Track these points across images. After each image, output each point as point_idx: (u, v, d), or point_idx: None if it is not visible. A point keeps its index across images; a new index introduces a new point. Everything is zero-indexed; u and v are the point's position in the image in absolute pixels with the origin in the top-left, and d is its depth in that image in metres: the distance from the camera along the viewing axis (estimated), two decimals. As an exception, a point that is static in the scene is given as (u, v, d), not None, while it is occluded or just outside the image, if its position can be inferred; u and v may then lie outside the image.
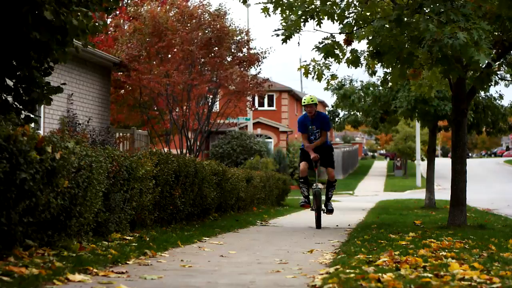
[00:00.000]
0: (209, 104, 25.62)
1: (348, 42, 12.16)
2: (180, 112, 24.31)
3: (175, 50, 23.39)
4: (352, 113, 25.00)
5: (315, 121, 13.04)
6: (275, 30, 11.67)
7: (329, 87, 22.70)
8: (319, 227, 12.62)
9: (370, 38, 11.50)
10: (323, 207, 13.01)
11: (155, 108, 25.62)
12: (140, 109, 25.61)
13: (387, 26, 10.92)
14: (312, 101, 12.86)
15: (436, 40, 9.87)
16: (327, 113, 26.50)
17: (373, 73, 13.80)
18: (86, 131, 19.21)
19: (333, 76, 13.07)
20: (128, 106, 25.98)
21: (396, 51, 11.44)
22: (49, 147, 6.11)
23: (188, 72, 23.37)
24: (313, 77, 12.80)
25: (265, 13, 11.90)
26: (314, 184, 12.87)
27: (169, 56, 24.02)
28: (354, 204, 26.38)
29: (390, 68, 12.74)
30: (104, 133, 20.43)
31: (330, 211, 13.14)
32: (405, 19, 10.80)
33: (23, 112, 8.50)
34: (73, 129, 18.58)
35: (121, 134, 22.96)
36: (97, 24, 8.45)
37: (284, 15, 11.75)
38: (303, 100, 12.97)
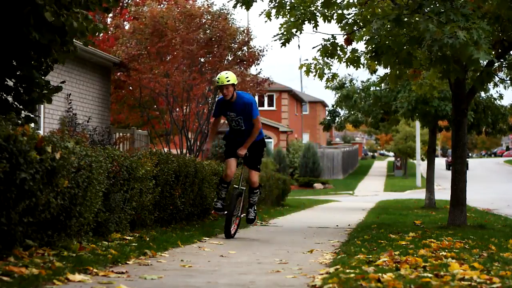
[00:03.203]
0: (209, 104, 25.60)
1: (349, 41, 12.19)
2: (180, 112, 24.31)
3: (176, 50, 23.38)
4: (353, 113, 24.98)
5: (235, 106, 10.15)
6: (275, 35, 11.73)
7: (329, 85, 22.69)
8: (228, 235, 9.94)
9: (368, 38, 11.52)
10: (238, 213, 10.50)
11: (155, 107, 25.61)
12: (140, 109, 25.61)
13: (388, 26, 10.93)
14: (228, 80, 9.91)
15: (436, 39, 9.88)
16: (327, 112, 26.44)
17: (373, 71, 13.77)
18: (86, 131, 19.21)
19: (334, 75, 13.07)
20: (128, 106, 25.99)
21: (394, 51, 11.45)
22: (49, 147, 6.11)
23: (188, 72, 23.37)
24: (314, 75, 12.76)
25: (267, 18, 11.94)
26: (238, 186, 10.64)
27: (169, 56, 24.00)
28: (354, 204, 26.39)
29: (389, 68, 12.77)
30: (104, 133, 20.44)
31: (250, 220, 10.68)
32: (405, 19, 10.81)
33: (23, 112, 8.50)
34: (73, 129, 18.58)
35: (121, 134, 22.96)
36: (96, 26, 8.46)
37: (285, 18, 11.78)
38: (216, 79, 10.06)
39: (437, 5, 10.41)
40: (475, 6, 10.48)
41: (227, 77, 9.91)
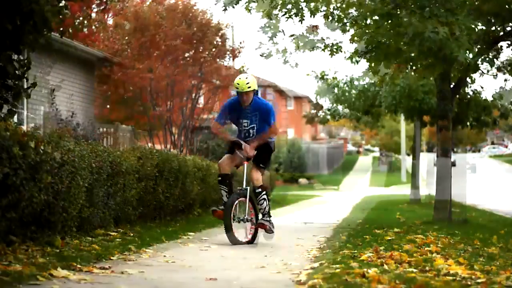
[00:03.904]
0: (193, 99, 25.52)
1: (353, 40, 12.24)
2: (164, 108, 24.27)
3: (159, 45, 23.32)
4: (336, 106, 24.89)
5: (250, 113, 8.86)
6: (260, 29, 11.71)
7: (329, 83, 22.66)
8: (232, 241, 8.37)
9: (366, 38, 11.52)
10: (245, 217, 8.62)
11: (139, 102, 25.51)
12: (123, 104, 25.48)
13: (384, 23, 10.94)
14: (249, 87, 8.62)
15: (418, 34, 9.91)
16: (312, 106, 26.35)
17: (375, 72, 13.65)
18: (70, 126, 19.09)
19: (334, 78, 13.19)
20: (112, 101, 25.86)
21: (385, 46, 11.46)
22: (32, 142, 6.05)
23: (173, 66, 23.33)
24: (316, 77, 12.86)
25: (268, 17, 11.89)
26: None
27: (151, 50, 23.93)
28: (339, 200, 26.44)
29: (382, 65, 12.76)
30: (88, 128, 20.31)
31: (268, 229, 8.74)
32: (405, 18, 10.81)
33: (5, 106, 8.41)
34: (57, 124, 18.46)
35: (105, 129, 22.84)
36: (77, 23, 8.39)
37: (287, 15, 11.74)
38: (235, 84, 8.71)
39: (437, 5, 10.40)
40: (474, 4, 10.53)
41: (247, 83, 8.60)
